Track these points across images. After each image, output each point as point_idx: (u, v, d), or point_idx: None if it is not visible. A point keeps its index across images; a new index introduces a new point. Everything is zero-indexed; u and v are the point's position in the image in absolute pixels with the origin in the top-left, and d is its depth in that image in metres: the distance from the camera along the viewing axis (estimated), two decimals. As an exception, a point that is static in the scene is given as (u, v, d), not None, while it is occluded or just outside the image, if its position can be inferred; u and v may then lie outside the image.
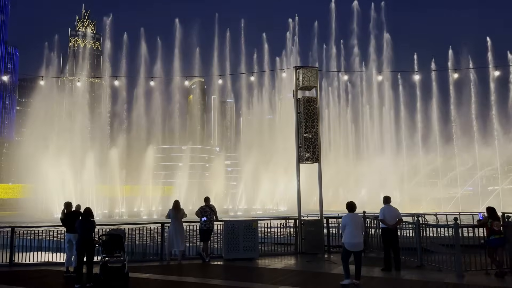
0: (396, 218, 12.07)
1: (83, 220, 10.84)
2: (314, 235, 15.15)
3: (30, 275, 12.19)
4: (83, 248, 10.61)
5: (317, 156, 15.63)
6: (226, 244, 14.04)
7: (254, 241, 14.13)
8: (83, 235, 10.63)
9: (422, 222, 13.24)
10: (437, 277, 10.98)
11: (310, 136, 15.63)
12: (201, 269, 12.76)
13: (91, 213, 10.99)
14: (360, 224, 10.50)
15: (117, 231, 11.51)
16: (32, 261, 14.00)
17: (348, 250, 10.33)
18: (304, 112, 15.77)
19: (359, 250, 10.35)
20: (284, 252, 15.44)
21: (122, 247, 11.05)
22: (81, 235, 10.70)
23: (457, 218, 11.70)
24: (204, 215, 14.14)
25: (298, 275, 11.87)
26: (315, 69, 16.40)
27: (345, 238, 10.40)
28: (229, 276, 11.79)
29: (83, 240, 10.62)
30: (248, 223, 14.31)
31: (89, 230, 10.75)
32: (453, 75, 46.30)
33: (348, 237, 10.29)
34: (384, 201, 12.48)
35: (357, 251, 10.33)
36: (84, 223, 10.75)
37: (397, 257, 12.02)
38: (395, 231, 12.11)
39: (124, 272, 10.47)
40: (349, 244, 10.29)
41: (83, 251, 10.63)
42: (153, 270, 12.54)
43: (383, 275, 11.41)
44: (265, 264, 13.41)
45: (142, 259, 14.76)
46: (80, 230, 10.72)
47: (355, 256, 10.31)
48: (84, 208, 11.19)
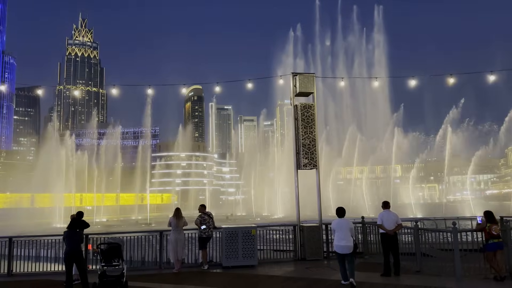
0: (395, 223, 12.05)
1: (70, 231, 10.68)
2: (313, 242, 15.13)
3: (30, 285, 12.12)
4: (71, 260, 10.46)
5: (315, 162, 15.65)
6: (225, 252, 13.98)
7: (253, 248, 14.08)
8: (71, 246, 10.50)
9: (421, 227, 13.23)
10: (436, 282, 10.96)
11: (308, 142, 15.66)
12: (200, 277, 12.70)
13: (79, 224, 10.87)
14: (349, 228, 11.01)
15: (116, 240, 11.47)
16: (31, 271, 13.92)
17: (338, 253, 10.96)
18: (302, 118, 15.82)
19: (349, 253, 10.87)
20: (283, 259, 15.39)
21: (121, 256, 11.02)
22: (68, 246, 10.56)
23: (455, 223, 11.70)
24: (203, 223, 14.09)
25: (298, 281, 11.83)
26: (312, 76, 16.47)
27: (334, 242, 11.11)
28: (228, 284, 11.74)
29: (71, 251, 10.48)
30: (247, 230, 14.27)
31: (77, 242, 10.61)
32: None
33: (336, 240, 11.00)
34: (383, 206, 12.48)
35: (348, 254, 10.86)
36: (71, 235, 10.61)
37: (397, 262, 12.01)
38: (394, 236, 12.09)
39: (123, 280, 10.43)
40: (338, 247, 10.95)
41: (71, 262, 10.46)
42: (151, 279, 12.48)
43: (383, 281, 11.39)
44: (264, 272, 13.36)
45: (140, 267, 14.68)
46: (68, 241, 10.59)
47: (346, 258, 10.88)
48: (71, 219, 11.08)
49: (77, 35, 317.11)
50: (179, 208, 14.39)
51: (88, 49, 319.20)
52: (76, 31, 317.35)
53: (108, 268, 10.64)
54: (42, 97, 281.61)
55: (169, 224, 14.04)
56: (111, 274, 10.49)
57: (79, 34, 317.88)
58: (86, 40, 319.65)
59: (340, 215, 11.30)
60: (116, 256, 10.98)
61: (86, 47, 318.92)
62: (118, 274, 10.49)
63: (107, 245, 11.18)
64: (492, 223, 11.25)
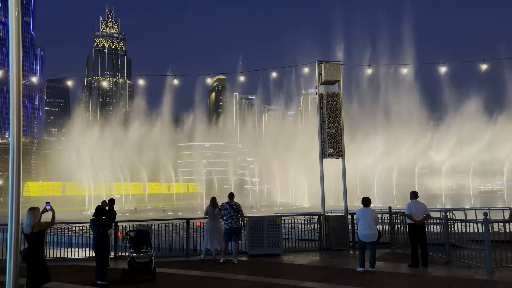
0: (423, 213, 11.87)
1: (95, 219, 10.85)
2: (339, 231, 15.06)
3: (62, 270, 12.56)
4: (98, 246, 10.61)
5: (341, 151, 15.49)
6: (250, 240, 14.09)
7: (278, 237, 14.14)
8: (97, 233, 10.68)
9: (450, 218, 12.94)
10: (466, 274, 10.74)
11: (333, 131, 15.50)
12: (226, 264, 12.85)
13: (103, 210, 11.05)
14: (372, 217, 11.28)
15: (144, 227, 11.73)
16: (62, 257, 14.42)
17: (362, 241, 11.26)
18: (327, 107, 15.64)
19: (372, 241, 11.17)
20: (309, 248, 15.38)
21: (149, 243, 11.26)
22: (95, 233, 10.74)
23: (487, 213, 11.38)
24: (225, 214, 13.33)
25: (323, 271, 11.82)
26: (338, 63, 16.21)
27: (359, 230, 11.50)
28: (253, 271, 11.83)
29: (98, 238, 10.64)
30: (271, 219, 14.33)
31: (102, 228, 10.76)
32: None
33: (361, 229, 11.32)
34: (412, 196, 12.27)
35: (371, 242, 11.17)
36: (96, 222, 10.79)
37: (425, 253, 11.83)
38: (422, 227, 11.90)
39: (151, 267, 10.68)
40: (362, 235, 11.26)
41: (99, 249, 10.61)
42: (179, 266, 12.72)
43: (410, 271, 11.24)
44: (289, 260, 13.40)
45: (168, 254, 14.97)
46: (94, 229, 10.78)
47: (370, 246, 11.22)
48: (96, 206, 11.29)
49: (104, 27, 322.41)
50: (215, 197, 14.15)
51: (114, 40, 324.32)
52: (103, 23, 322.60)
53: (137, 255, 10.91)
54: (71, 88, 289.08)
55: (205, 213, 14.00)
56: (140, 260, 10.76)
57: (105, 26, 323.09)
58: (112, 31, 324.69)
59: (365, 205, 11.50)
60: (145, 243, 11.23)
61: (113, 38, 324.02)
62: (147, 260, 10.75)
63: (136, 232, 11.44)
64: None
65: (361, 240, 11.32)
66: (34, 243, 8.62)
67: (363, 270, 11.15)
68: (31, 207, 8.89)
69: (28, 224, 8.52)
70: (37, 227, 8.62)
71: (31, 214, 8.61)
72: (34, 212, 8.66)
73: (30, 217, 8.55)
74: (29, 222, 8.52)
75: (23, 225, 8.50)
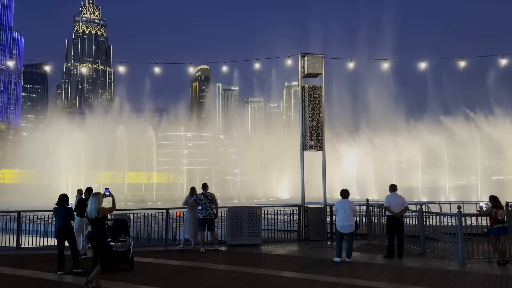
0: (402, 206, 12.12)
1: (59, 207, 10.64)
2: (317, 222, 15.26)
3: (38, 258, 12.38)
4: (61, 236, 10.46)
5: (321, 144, 15.62)
6: (230, 230, 14.14)
7: (257, 227, 14.23)
8: (60, 222, 10.51)
9: (425, 211, 13.26)
10: (439, 265, 11.05)
11: (314, 124, 15.60)
12: (205, 254, 12.88)
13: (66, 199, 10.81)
14: (351, 209, 11.52)
15: (122, 216, 11.62)
16: (39, 245, 14.21)
17: (340, 232, 11.55)
18: (309, 100, 15.72)
19: (350, 232, 11.49)
20: (288, 239, 15.54)
21: (127, 232, 11.19)
22: (57, 222, 10.57)
23: (460, 207, 11.70)
24: (199, 204, 13.37)
25: (301, 261, 11.97)
26: (321, 56, 16.26)
27: (337, 221, 11.77)
28: (232, 261, 11.90)
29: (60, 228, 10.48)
30: (252, 210, 14.39)
31: (65, 217, 10.60)
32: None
33: (339, 220, 11.62)
34: (390, 189, 12.52)
35: (348, 233, 11.49)
36: (59, 210, 10.60)
37: (401, 244, 12.11)
38: (400, 219, 12.16)
39: (129, 256, 10.61)
40: (340, 226, 11.57)
41: (61, 238, 10.46)
42: (157, 255, 12.67)
43: (386, 262, 11.49)
44: (268, 250, 13.53)
45: (147, 244, 14.89)
46: (57, 217, 10.60)
47: (347, 237, 11.52)
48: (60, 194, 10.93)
49: (84, 12, 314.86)
50: (194, 187, 14.14)
51: (95, 26, 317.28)
52: (84, 8, 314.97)
53: (114, 244, 10.82)
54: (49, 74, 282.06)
55: (184, 203, 13.98)
56: (117, 249, 10.67)
57: (86, 11, 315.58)
58: (93, 17, 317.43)
59: (344, 196, 11.77)
60: (123, 232, 11.15)
61: (94, 24, 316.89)
62: (124, 249, 10.67)
63: (113, 221, 11.33)
64: (498, 208, 11.26)
65: (339, 231, 11.59)
66: (99, 227, 8.84)
67: (340, 260, 11.39)
68: (95, 192, 9.08)
69: (94, 209, 8.67)
70: (102, 212, 8.79)
71: (96, 199, 8.75)
72: (99, 198, 8.80)
73: (95, 202, 8.72)
74: (94, 207, 8.68)
75: (88, 210, 8.77)
